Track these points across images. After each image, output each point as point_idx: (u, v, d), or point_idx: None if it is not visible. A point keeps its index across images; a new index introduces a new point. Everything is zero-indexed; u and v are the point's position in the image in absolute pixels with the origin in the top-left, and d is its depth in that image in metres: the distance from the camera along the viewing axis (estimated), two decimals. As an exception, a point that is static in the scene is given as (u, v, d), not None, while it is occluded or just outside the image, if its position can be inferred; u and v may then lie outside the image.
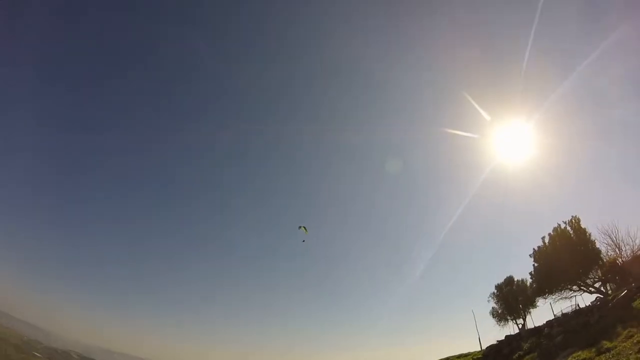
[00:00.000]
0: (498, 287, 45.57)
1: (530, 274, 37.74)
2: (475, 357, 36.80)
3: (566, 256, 30.35)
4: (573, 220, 31.85)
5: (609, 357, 16.20)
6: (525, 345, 27.28)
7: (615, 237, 29.37)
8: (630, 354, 15.20)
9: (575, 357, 19.11)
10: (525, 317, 39.72)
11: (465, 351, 44.31)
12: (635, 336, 16.47)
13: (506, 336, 34.08)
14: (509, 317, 41.50)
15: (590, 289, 30.17)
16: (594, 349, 18.10)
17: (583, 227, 31.07)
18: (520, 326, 39.73)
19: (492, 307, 45.46)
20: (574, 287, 30.91)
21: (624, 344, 16.58)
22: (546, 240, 35.19)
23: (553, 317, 31.00)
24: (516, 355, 26.92)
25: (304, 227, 35.23)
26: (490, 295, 46.24)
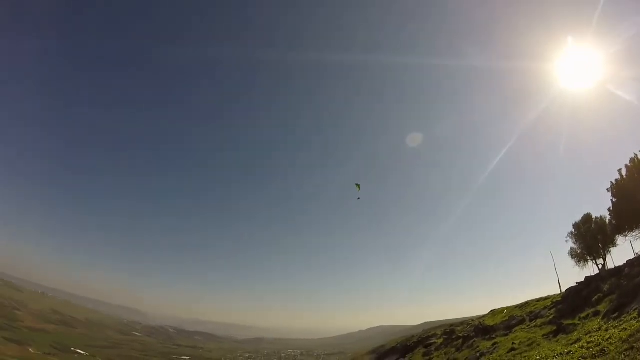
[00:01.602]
0: (576, 225, 43.68)
1: (609, 210, 35.76)
2: (554, 300, 36.85)
3: (646, 190, 28.38)
4: (651, 151, 29.20)
5: (690, 299, 16.10)
6: (605, 287, 26.93)
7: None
8: None
9: (655, 299, 19.02)
10: (605, 257, 38.10)
11: (544, 295, 44.36)
12: None
13: (586, 277, 33.43)
14: (588, 258, 40.11)
15: (674, 224, 28.07)
16: (675, 290, 17.90)
17: (663, 157, 28.40)
18: (600, 266, 38.34)
19: (571, 248, 44.10)
20: (657, 223, 28.98)
21: None
22: (624, 173, 32.83)
23: (634, 256, 29.67)
24: (595, 297, 26.72)
25: (358, 185, 36.50)
26: (568, 235, 44.68)
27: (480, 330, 38.20)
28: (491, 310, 57.49)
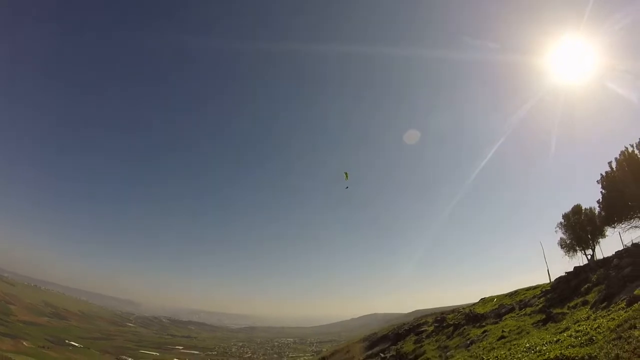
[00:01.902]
0: (565, 216, 44.35)
1: (598, 202, 36.28)
2: (544, 289, 37.57)
3: (635, 182, 28.82)
4: (642, 143, 29.54)
5: (676, 289, 16.48)
6: (594, 277, 27.49)
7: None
8: (697, 285, 15.41)
9: (642, 289, 19.43)
10: (594, 248, 38.86)
11: (534, 284, 45.24)
12: None
13: (575, 267, 34.01)
14: (577, 248, 40.87)
15: (662, 216, 28.63)
16: (661, 281, 18.29)
17: (653, 150, 28.78)
18: (589, 257, 39.12)
19: (560, 238, 44.86)
20: (645, 214, 29.53)
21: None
22: (614, 165, 33.22)
23: (622, 248, 30.26)
24: (584, 287, 27.31)
25: (346, 174, 36.10)
26: (557, 226, 45.39)
27: (471, 318, 38.94)
28: (481, 299, 58.55)
